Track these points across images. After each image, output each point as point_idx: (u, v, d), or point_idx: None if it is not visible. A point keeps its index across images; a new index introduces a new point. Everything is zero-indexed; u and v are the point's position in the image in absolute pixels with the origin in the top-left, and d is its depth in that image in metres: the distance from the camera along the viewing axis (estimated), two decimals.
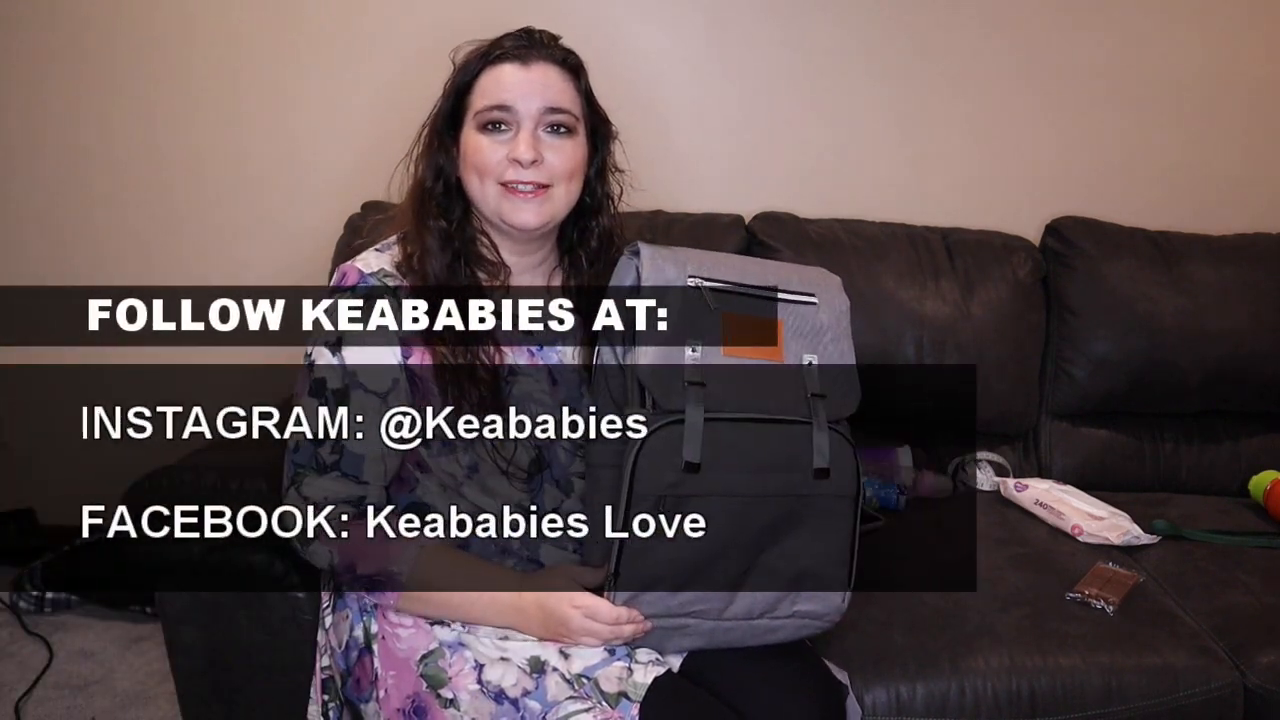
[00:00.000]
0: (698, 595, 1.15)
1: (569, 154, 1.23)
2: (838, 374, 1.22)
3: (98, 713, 1.90)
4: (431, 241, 1.23)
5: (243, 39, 2.22)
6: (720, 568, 1.15)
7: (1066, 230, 2.10)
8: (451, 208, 1.26)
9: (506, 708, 1.13)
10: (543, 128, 1.22)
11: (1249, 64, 2.24)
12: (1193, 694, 1.43)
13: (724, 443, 1.12)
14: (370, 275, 1.20)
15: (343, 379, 1.16)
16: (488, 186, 1.22)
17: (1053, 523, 1.81)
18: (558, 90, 1.22)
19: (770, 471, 1.14)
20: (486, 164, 1.21)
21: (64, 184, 2.31)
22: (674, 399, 1.12)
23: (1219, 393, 2.05)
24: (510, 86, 1.21)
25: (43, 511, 2.49)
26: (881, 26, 2.20)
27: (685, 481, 1.11)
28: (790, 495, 1.16)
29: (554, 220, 1.25)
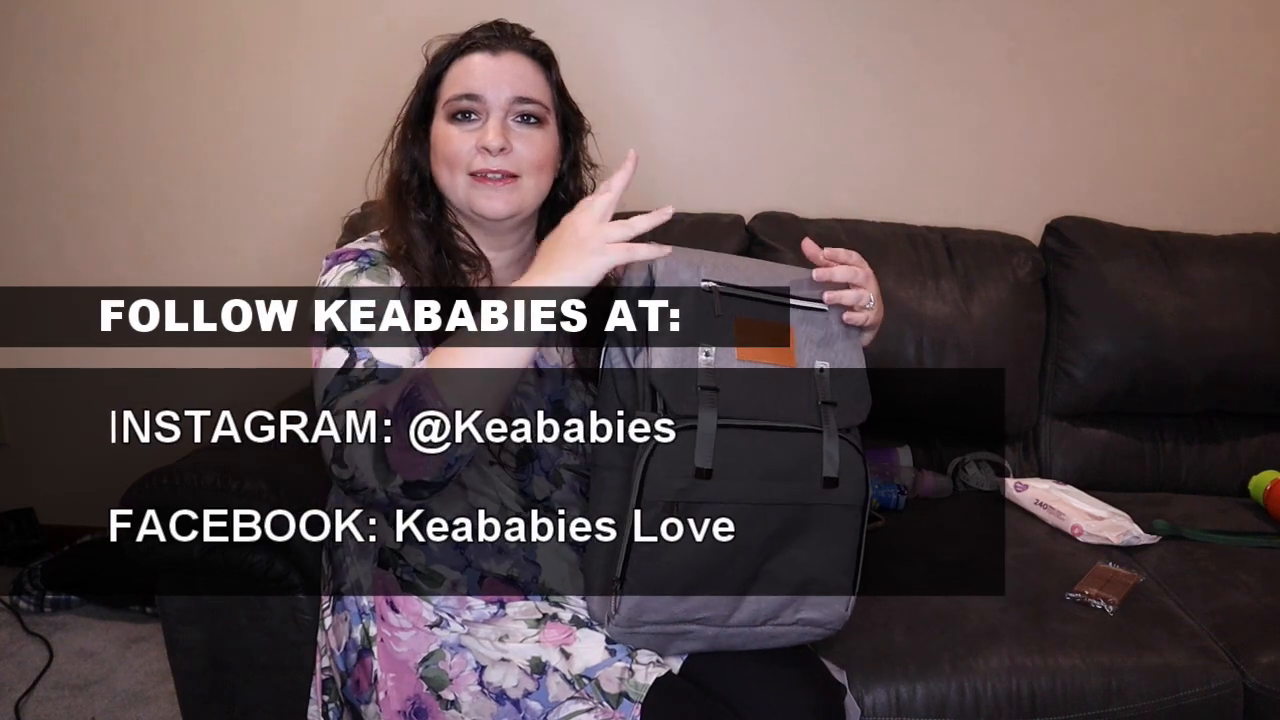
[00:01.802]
0: (703, 602, 1.15)
1: (539, 144, 1.22)
2: (848, 381, 1.21)
3: (98, 713, 1.90)
4: (416, 234, 1.23)
5: (242, 38, 2.22)
6: (726, 574, 1.15)
7: (1066, 230, 2.10)
8: (427, 201, 1.26)
9: (508, 708, 1.13)
10: (512, 117, 1.21)
11: (1249, 64, 2.24)
12: (1193, 694, 1.43)
13: (735, 449, 1.12)
14: (368, 251, 1.21)
15: (359, 323, 1.11)
16: (457, 177, 1.21)
17: (1053, 523, 1.81)
18: (528, 80, 1.22)
19: (779, 479, 1.14)
20: (456, 153, 1.20)
21: (60, 183, 2.31)
22: (686, 403, 1.11)
23: (1219, 393, 2.05)
24: (480, 76, 1.20)
25: (43, 511, 2.49)
26: (882, 26, 2.20)
27: (696, 488, 1.10)
28: (798, 503, 1.15)
29: (523, 211, 1.23)
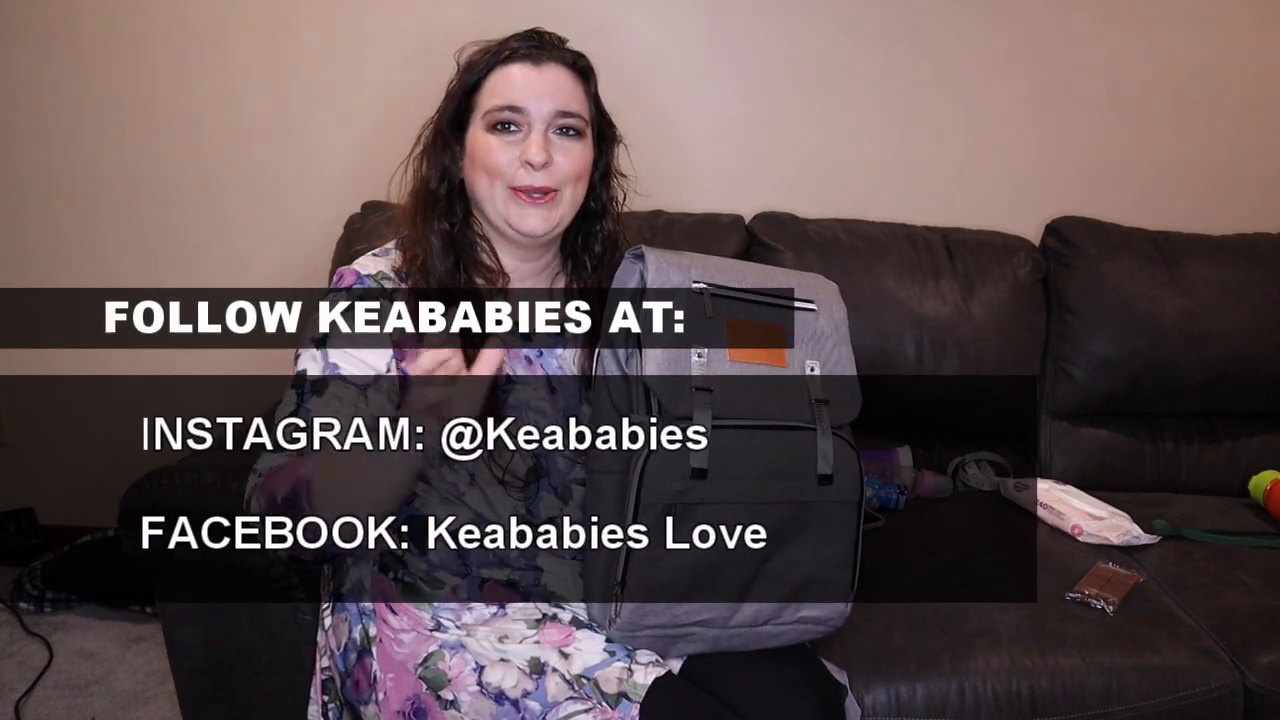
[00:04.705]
0: (704, 605, 1.15)
1: (577, 157, 1.22)
2: (839, 381, 1.22)
3: (98, 713, 1.90)
4: (436, 244, 1.22)
5: (244, 39, 2.22)
6: (726, 575, 1.15)
7: (1066, 230, 2.10)
8: (454, 210, 1.25)
9: (507, 709, 1.13)
10: (553, 130, 1.20)
11: (1249, 63, 2.24)
12: (1193, 694, 1.43)
13: (730, 449, 1.12)
14: (368, 277, 1.18)
15: (323, 370, 1.13)
16: (496, 188, 1.20)
17: (1053, 523, 1.81)
18: (569, 93, 1.21)
19: (775, 478, 1.14)
20: (498, 164, 1.19)
21: (64, 186, 2.31)
22: (681, 405, 1.12)
23: (1219, 393, 2.04)
24: (522, 87, 1.19)
25: (43, 511, 2.49)
26: (881, 26, 2.20)
27: (693, 489, 1.11)
28: (795, 502, 1.15)
29: (560, 226, 1.24)
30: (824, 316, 1.24)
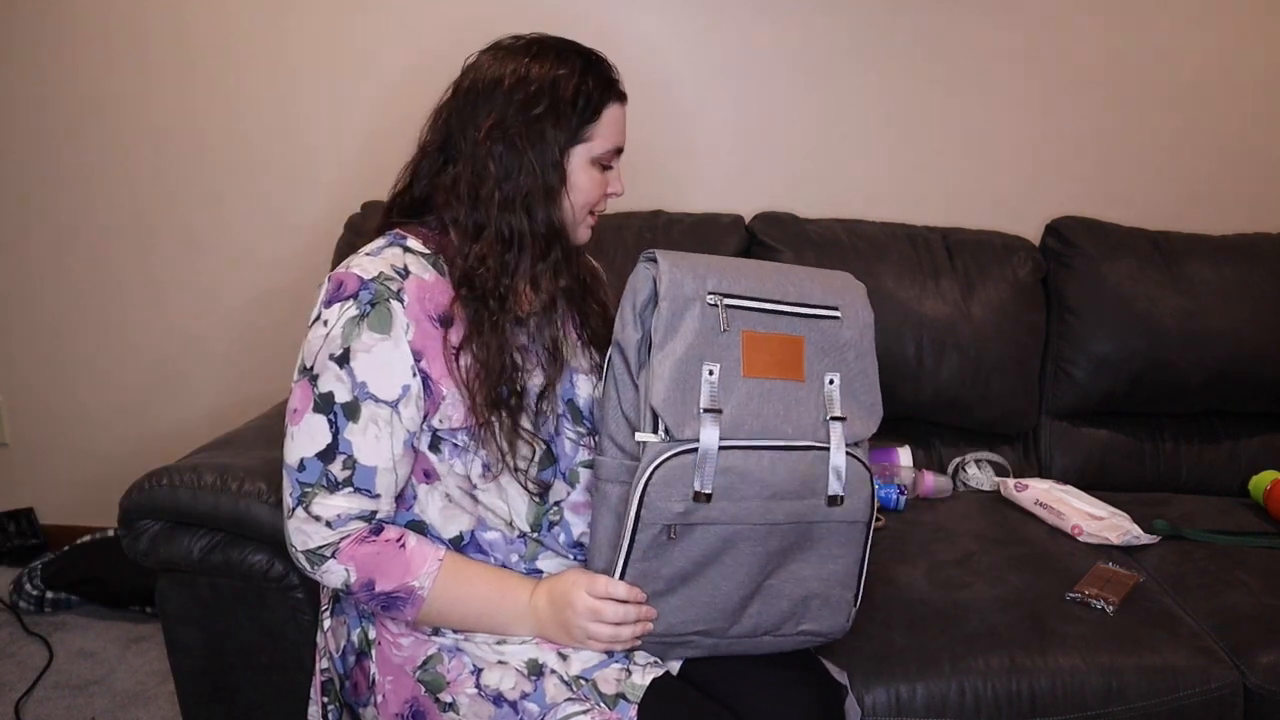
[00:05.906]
0: (703, 616, 1.15)
1: None
2: (859, 392, 1.19)
3: (98, 713, 1.90)
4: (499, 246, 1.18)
5: (245, 39, 2.22)
6: (725, 591, 1.14)
7: (1066, 230, 2.10)
8: None
9: (505, 710, 1.13)
10: None
11: (1249, 63, 2.24)
12: (1193, 694, 1.43)
13: (737, 470, 1.09)
14: (371, 281, 1.12)
15: (352, 391, 1.11)
16: (580, 213, 1.22)
17: (1053, 523, 1.81)
18: None
19: (783, 499, 1.12)
20: (594, 198, 1.23)
21: (65, 186, 2.31)
22: (688, 429, 1.09)
23: (1219, 393, 2.04)
24: (623, 129, 1.24)
25: (43, 511, 2.49)
26: (881, 26, 2.20)
27: (695, 511, 1.09)
28: (801, 522, 1.14)
29: None
30: (848, 324, 1.20)
